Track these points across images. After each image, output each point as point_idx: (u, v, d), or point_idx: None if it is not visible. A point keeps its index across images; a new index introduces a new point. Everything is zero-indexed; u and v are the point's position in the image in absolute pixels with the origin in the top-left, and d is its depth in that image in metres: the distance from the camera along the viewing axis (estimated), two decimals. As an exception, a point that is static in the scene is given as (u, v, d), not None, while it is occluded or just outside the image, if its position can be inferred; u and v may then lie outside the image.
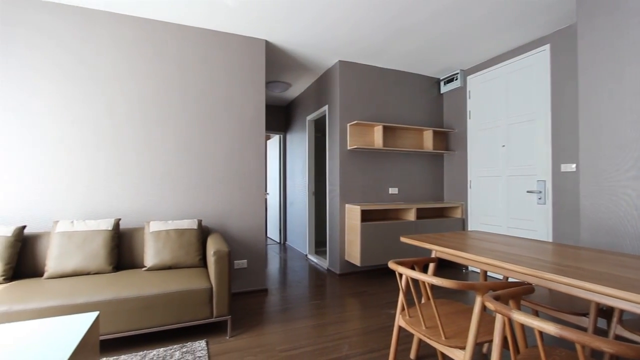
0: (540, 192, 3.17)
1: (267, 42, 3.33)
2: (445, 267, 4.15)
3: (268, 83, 4.60)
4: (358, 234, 3.49)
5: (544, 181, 3.14)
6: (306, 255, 4.89)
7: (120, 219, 2.54)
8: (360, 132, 3.89)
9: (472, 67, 3.98)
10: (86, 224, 2.38)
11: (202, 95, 3.02)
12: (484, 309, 1.35)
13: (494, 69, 3.68)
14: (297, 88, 4.96)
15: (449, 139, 4.35)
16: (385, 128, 3.99)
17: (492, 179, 3.72)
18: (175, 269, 2.44)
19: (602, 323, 2.36)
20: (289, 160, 5.81)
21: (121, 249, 2.53)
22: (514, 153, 3.46)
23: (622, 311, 1.64)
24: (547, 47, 3.13)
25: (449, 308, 1.75)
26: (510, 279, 3.16)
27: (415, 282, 3.42)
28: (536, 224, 3.23)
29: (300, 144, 5.21)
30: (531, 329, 2.34)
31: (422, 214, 4.20)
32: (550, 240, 3.10)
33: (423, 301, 1.89)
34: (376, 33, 3.13)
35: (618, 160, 2.16)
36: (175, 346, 2.08)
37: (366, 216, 3.92)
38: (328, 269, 4.06)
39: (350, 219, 3.69)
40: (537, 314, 2.05)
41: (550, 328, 0.86)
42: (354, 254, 3.58)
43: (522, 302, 1.88)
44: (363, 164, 3.94)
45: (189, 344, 2.11)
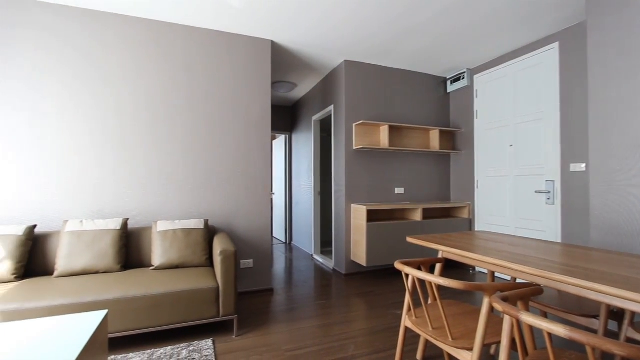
0: (549, 192, 3.13)
1: (273, 43, 3.34)
2: (452, 268, 4.12)
3: (274, 83, 4.61)
4: (364, 234, 3.48)
5: (553, 181, 3.10)
6: (312, 255, 4.89)
7: (128, 219, 2.57)
8: (366, 132, 3.89)
9: (479, 66, 3.94)
10: (95, 224, 2.41)
11: (209, 95, 3.04)
12: (492, 310, 1.33)
13: (502, 68, 3.65)
14: (303, 88, 4.96)
15: (456, 139, 4.32)
16: (391, 128, 3.97)
17: (500, 179, 3.68)
18: (182, 268, 2.46)
19: (613, 325, 2.33)
20: (295, 160, 5.82)
21: (129, 249, 2.56)
22: (522, 153, 3.42)
23: (634, 313, 1.61)
24: (556, 46, 3.08)
25: (456, 309, 1.74)
26: (518, 280, 3.13)
27: (421, 283, 3.40)
28: (545, 225, 3.19)
29: (306, 144, 5.22)
30: (540, 331, 2.31)
31: (429, 214, 4.18)
32: (559, 240, 3.06)
33: (430, 302, 1.88)
34: (382, 32, 3.12)
35: (629, 160, 2.13)
36: (182, 345, 2.10)
37: (372, 216, 3.91)
38: (334, 269, 4.06)
39: (356, 219, 3.68)
40: (546, 316, 2.03)
41: (559, 330, 0.85)
42: (360, 254, 3.57)
43: (531, 304, 1.86)
44: (369, 164, 3.93)
45: (196, 343, 2.12)
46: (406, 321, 1.69)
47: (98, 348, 1.30)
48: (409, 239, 2.03)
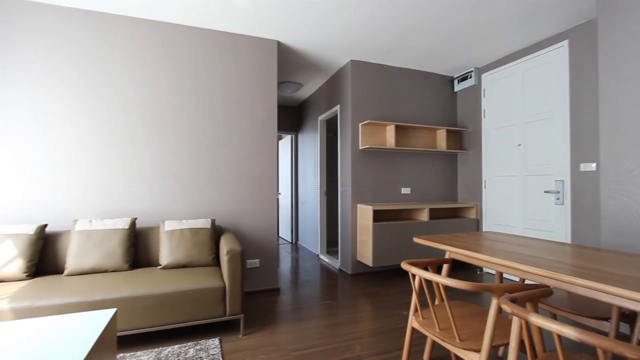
0: (558, 192, 3.09)
1: (279, 43, 3.35)
2: (459, 269, 4.08)
3: (280, 83, 4.63)
4: (370, 234, 3.47)
5: (562, 181, 3.06)
6: (318, 255, 4.89)
7: (136, 218, 2.60)
8: (372, 132, 3.87)
9: (487, 65, 3.90)
10: (104, 223, 2.45)
11: (215, 96, 3.06)
12: (500, 312, 1.32)
13: (510, 66, 3.60)
14: (309, 88, 4.97)
15: (463, 138, 4.28)
16: (397, 127, 3.95)
17: (508, 179, 3.64)
18: (189, 268, 2.48)
19: (624, 328, 2.28)
20: (301, 160, 5.83)
21: (137, 248, 2.59)
22: (531, 152, 3.38)
23: (646, 316, 1.58)
24: (566, 43, 3.04)
25: (463, 310, 1.72)
26: (526, 281, 3.09)
27: (428, 284, 3.38)
28: (554, 225, 3.15)
29: (312, 144, 5.22)
30: (549, 333, 2.28)
31: (435, 215, 4.15)
32: (568, 241, 3.02)
33: (437, 303, 1.87)
34: (388, 31, 3.11)
35: (641, 159, 2.09)
36: (189, 343, 2.12)
37: (378, 216, 3.89)
38: (340, 269, 4.05)
39: (362, 219, 3.67)
40: (555, 318, 2.00)
41: (570, 332, 0.84)
42: (366, 255, 3.56)
43: (540, 305, 1.83)
44: (375, 164, 3.92)
45: (203, 342, 2.14)
46: (413, 322, 1.68)
47: (107, 346, 1.31)
48: (416, 239, 2.02)
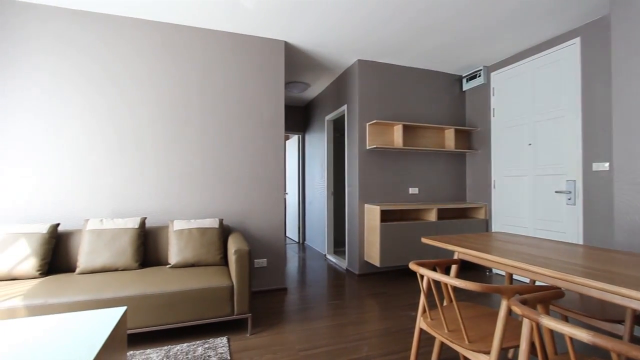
0: (569, 193, 3.03)
1: (286, 43, 3.35)
2: (467, 270, 4.04)
3: (287, 83, 4.64)
4: (377, 235, 3.45)
5: (574, 181, 3.00)
6: (325, 255, 4.89)
7: (146, 218, 2.63)
8: (379, 132, 3.86)
9: (496, 63, 3.85)
10: (114, 222, 2.48)
11: (223, 96, 3.08)
12: (510, 313, 1.30)
13: (520, 65, 3.55)
14: (316, 88, 4.97)
15: (472, 138, 4.24)
16: (405, 127, 3.93)
17: (518, 179, 3.58)
18: (197, 267, 2.50)
19: (639, 331, 2.23)
20: (308, 160, 5.83)
21: (146, 247, 2.62)
22: (542, 151, 3.32)
23: (662, 319, 1.54)
24: (577, 41, 2.98)
25: (472, 311, 1.70)
26: (537, 283, 3.04)
27: (436, 284, 3.35)
28: (565, 226, 3.09)
29: (319, 144, 5.22)
30: (560, 336, 2.24)
31: (444, 215, 4.11)
32: (580, 242, 2.96)
33: (445, 304, 1.85)
34: (397, 31, 3.09)
35: (656, 158, 2.04)
36: (197, 342, 2.13)
37: (386, 216, 3.87)
38: (347, 269, 4.05)
39: (369, 219, 3.66)
40: (567, 320, 1.97)
41: (582, 335, 0.82)
42: (374, 255, 3.55)
43: (551, 307, 1.80)
44: (382, 164, 3.90)
45: (211, 340, 2.15)
46: (421, 323, 1.67)
47: (118, 343, 1.33)
48: (424, 240, 2.01)
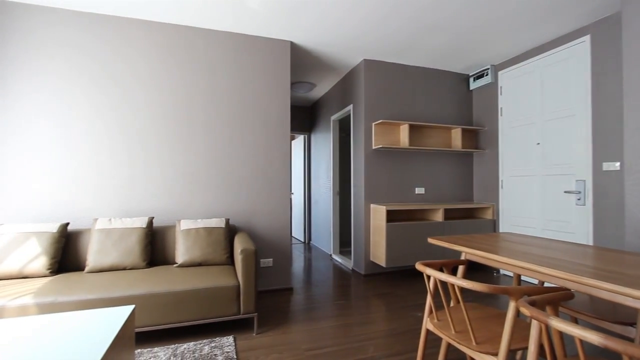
0: (579, 193, 2.99)
1: (292, 43, 3.36)
2: (474, 270, 4.00)
3: (293, 84, 4.64)
4: (383, 235, 3.44)
5: (584, 181, 2.96)
6: (331, 255, 4.89)
7: (153, 217, 2.65)
8: (385, 131, 3.84)
9: (504, 62, 3.81)
10: (122, 222, 2.51)
11: (228, 97, 3.09)
12: (518, 315, 1.28)
13: (528, 63, 3.51)
14: (322, 88, 4.97)
15: (479, 137, 4.20)
16: (411, 127, 3.91)
17: (526, 179, 3.54)
18: (204, 266, 2.52)
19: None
20: (314, 160, 5.84)
21: (154, 246, 2.65)
22: (550, 151, 3.28)
23: (675, 322, 1.51)
24: (587, 38, 2.94)
25: (480, 312, 1.69)
26: (546, 284, 3.00)
27: (443, 285, 3.33)
28: (575, 226, 3.05)
29: (324, 144, 5.22)
30: (569, 338, 2.21)
31: (450, 215, 4.08)
32: (590, 243, 2.92)
33: (452, 304, 1.84)
34: (403, 30, 3.08)
35: (669, 158, 2.00)
36: (204, 341, 2.15)
37: (392, 216, 3.86)
38: (353, 269, 4.04)
39: (375, 219, 3.65)
40: (577, 322, 1.94)
41: (593, 337, 0.81)
42: (379, 255, 3.53)
43: (560, 309, 1.78)
44: (388, 164, 3.88)
45: (218, 339, 2.17)
46: (427, 324, 1.66)
47: (126, 342, 1.35)
48: (431, 240, 1.99)
